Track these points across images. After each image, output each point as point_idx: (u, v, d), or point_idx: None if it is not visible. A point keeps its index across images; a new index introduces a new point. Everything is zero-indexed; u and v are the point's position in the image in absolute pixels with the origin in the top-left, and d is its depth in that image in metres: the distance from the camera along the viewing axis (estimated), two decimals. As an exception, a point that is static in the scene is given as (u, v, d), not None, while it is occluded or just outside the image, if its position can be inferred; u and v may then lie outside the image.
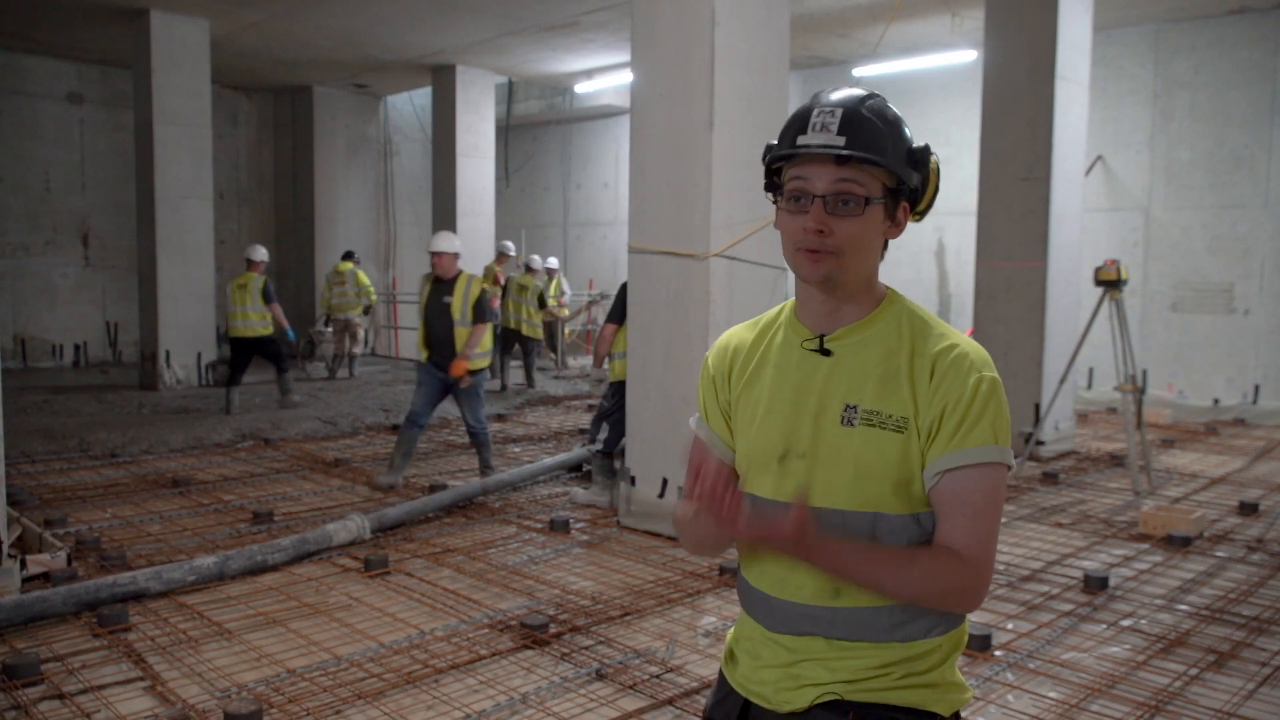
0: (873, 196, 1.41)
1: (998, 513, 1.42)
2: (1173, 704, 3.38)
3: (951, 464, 1.39)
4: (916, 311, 1.49)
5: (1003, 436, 1.41)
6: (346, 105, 15.89)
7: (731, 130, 5.20)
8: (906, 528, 1.43)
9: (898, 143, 1.42)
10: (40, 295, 13.62)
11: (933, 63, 12.36)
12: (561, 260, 17.48)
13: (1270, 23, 10.13)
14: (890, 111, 1.45)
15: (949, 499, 1.40)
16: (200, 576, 4.42)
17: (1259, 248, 10.27)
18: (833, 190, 1.40)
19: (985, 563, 1.40)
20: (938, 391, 1.40)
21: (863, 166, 1.40)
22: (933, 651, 1.45)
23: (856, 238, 1.41)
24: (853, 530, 1.43)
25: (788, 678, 1.47)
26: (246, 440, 8.27)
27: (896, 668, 1.43)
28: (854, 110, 1.41)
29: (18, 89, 13.19)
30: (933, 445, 1.40)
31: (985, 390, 1.40)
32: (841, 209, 1.40)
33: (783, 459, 1.48)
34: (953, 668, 1.49)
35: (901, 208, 1.45)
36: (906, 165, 1.43)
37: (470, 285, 6.40)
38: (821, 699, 1.44)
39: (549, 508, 6.13)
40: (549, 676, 3.54)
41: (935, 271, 12.89)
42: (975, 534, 1.39)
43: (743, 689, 1.53)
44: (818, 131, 1.41)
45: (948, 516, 1.40)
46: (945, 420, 1.39)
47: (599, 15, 11.04)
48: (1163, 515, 5.57)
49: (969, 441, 1.38)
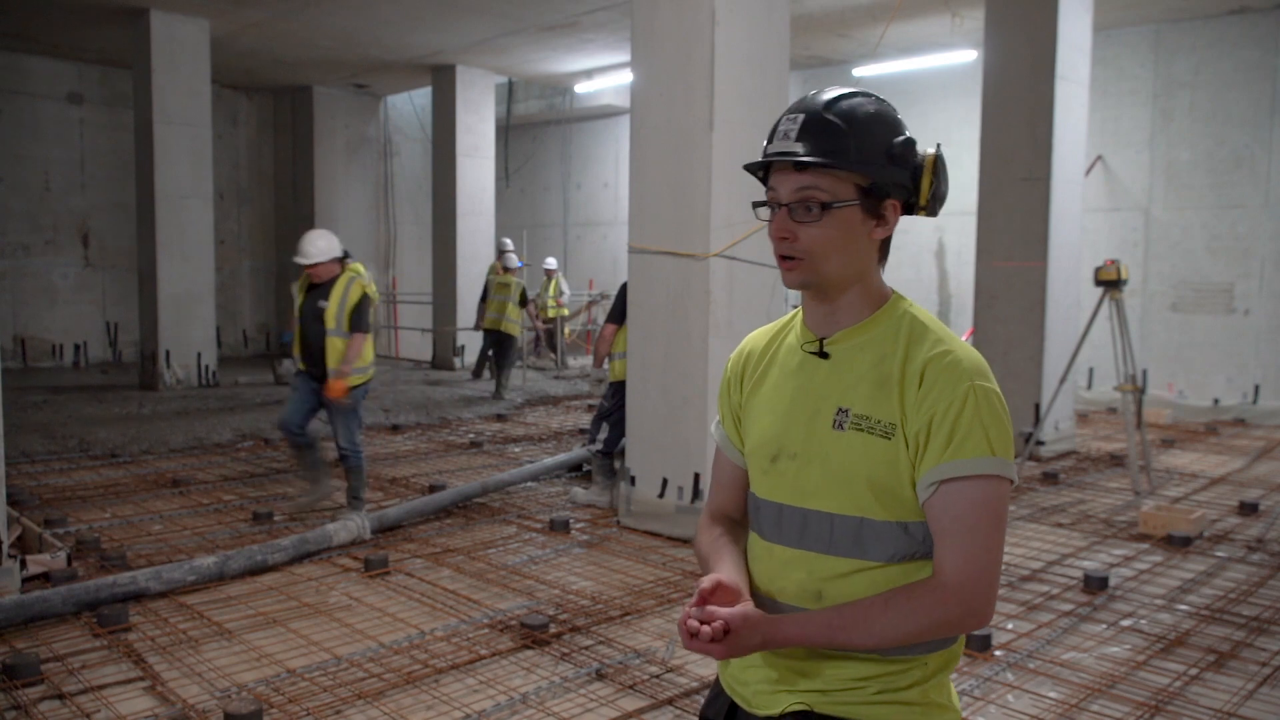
0: (838, 200, 1.39)
1: (996, 529, 1.35)
2: (1173, 704, 3.38)
3: (944, 475, 1.34)
4: (918, 317, 1.46)
5: (1000, 448, 1.35)
6: (346, 105, 15.89)
7: (731, 130, 5.21)
8: (893, 535, 1.40)
9: (868, 142, 1.40)
10: (40, 295, 13.62)
11: (933, 63, 12.36)
12: (561, 260, 17.49)
13: (1270, 23, 10.13)
14: (865, 110, 1.42)
15: (941, 514, 1.35)
16: (200, 576, 4.42)
17: (1259, 248, 10.27)
18: (795, 198, 1.41)
19: (979, 584, 1.33)
20: (926, 399, 1.37)
21: (825, 171, 1.39)
22: (914, 668, 1.41)
23: (822, 242, 1.40)
24: (839, 534, 1.41)
25: (767, 681, 1.46)
26: (246, 440, 8.27)
27: (873, 682, 1.40)
28: (814, 115, 1.41)
29: (18, 89, 13.19)
30: (925, 456, 1.36)
31: (977, 399, 1.35)
32: (804, 215, 1.40)
33: (775, 459, 1.48)
34: (940, 687, 1.44)
35: (888, 205, 1.43)
36: (885, 163, 1.40)
37: (350, 289, 5.58)
38: (792, 708, 1.42)
39: (549, 508, 6.13)
40: (549, 676, 3.54)
41: (935, 271, 12.89)
42: (968, 552, 1.33)
43: (729, 688, 1.54)
44: (780, 139, 1.42)
45: (941, 534, 1.36)
46: (935, 430, 1.35)
47: (599, 15, 11.04)
48: (1163, 515, 5.57)
49: (963, 452, 1.34)
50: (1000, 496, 1.35)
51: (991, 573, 1.35)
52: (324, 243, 5.63)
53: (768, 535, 1.50)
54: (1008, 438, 1.37)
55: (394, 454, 7.84)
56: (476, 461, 7.56)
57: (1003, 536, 1.37)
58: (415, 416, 9.59)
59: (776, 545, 1.48)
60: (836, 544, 1.42)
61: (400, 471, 7.13)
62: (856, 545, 1.41)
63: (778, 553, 1.48)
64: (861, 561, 1.41)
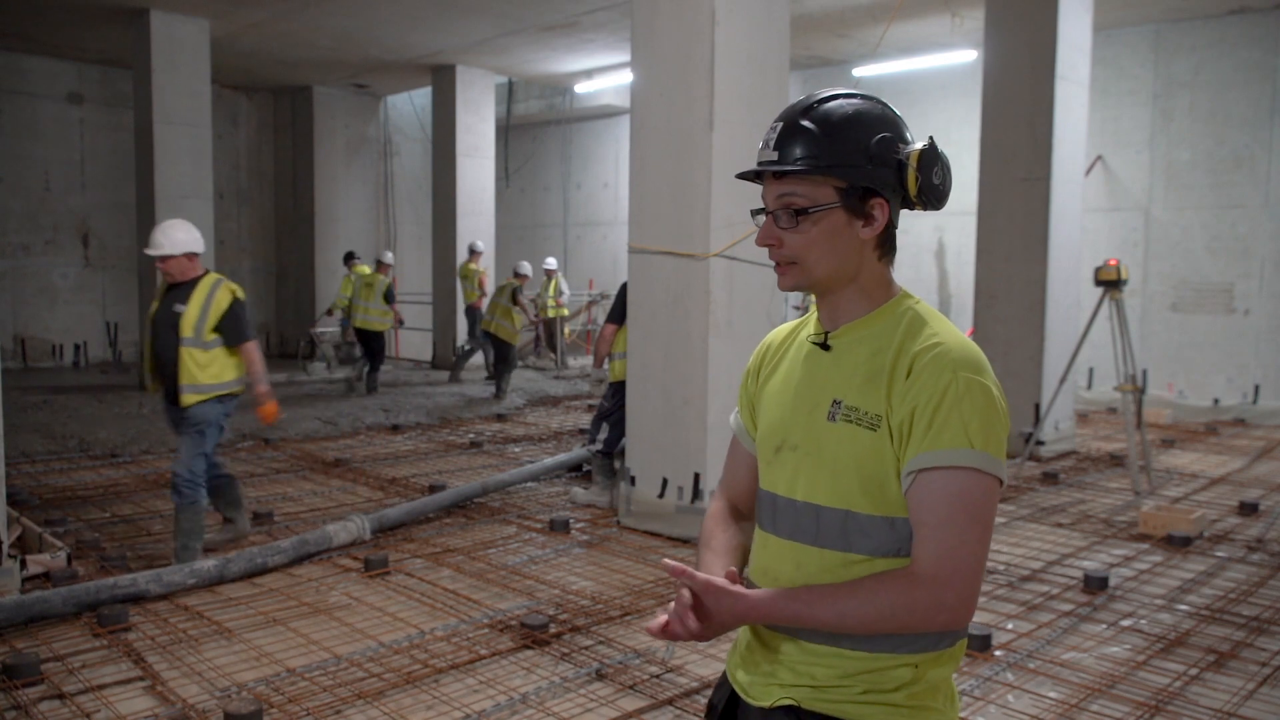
0: (817, 204, 1.41)
1: (975, 523, 1.32)
2: (1173, 704, 3.38)
3: (920, 465, 1.33)
4: (921, 312, 1.46)
5: (980, 440, 1.32)
6: (346, 105, 15.89)
7: (731, 130, 5.20)
8: (878, 529, 1.39)
9: (844, 144, 1.40)
10: (40, 295, 13.62)
11: (933, 63, 12.36)
12: (561, 260, 17.49)
13: (1270, 23, 10.13)
14: (842, 112, 1.42)
15: (917, 504, 1.34)
16: (201, 579, 4.41)
17: (1259, 248, 10.27)
18: (776, 205, 1.44)
19: (952, 579, 1.30)
20: (910, 390, 1.36)
21: (802, 177, 1.41)
22: (901, 668, 1.39)
23: (806, 246, 1.43)
24: (825, 526, 1.42)
25: (762, 674, 1.48)
26: (246, 440, 8.27)
27: (859, 680, 1.39)
28: (791, 122, 1.43)
29: (18, 89, 13.19)
30: (906, 447, 1.36)
31: (960, 389, 1.33)
32: (786, 221, 1.43)
33: (779, 450, 1.51)
34: (931, 692, 1.41)
35: (874, 204, 1.42)
36: (865, 162, 1.40)
37: (216, 292, 4.70)
38: (780, 702, 1.43)
39: (549, 508, 6.13)
40: (549, 676, 3.54)
41: (935, 271, 12.89)
42: (939, 546, 1.31)
43: (731, 677, 1.55)
44: (763, 148, 1.46)
45: (917, 525, 1.34)
46: (916, 420, 1.34)
47: (599, 15, 11.04)
48: (1163, 515, 5.57)
49: (940, 443, 1.32)
50: (980, 491, 1.32)
51: (966, 568, 1.31)
52: (181, 234, 4.70)
53: (765, 526, 1.53)
54: (993, 433, 1.34)
55: (394, 454, 7.84)
56: (476, 461, 7.57)
57: (984, 533, 1.33)
58: (415, 416, 9.59)
59: (772, 536, 1.51)
60: (823, 536, 1.42)
61: (400, 471, 7.13)
62: (842, 538, 1.41)
63: (772, 543, 1.50)
64: (847, 555, 1.41)
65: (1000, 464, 1.35)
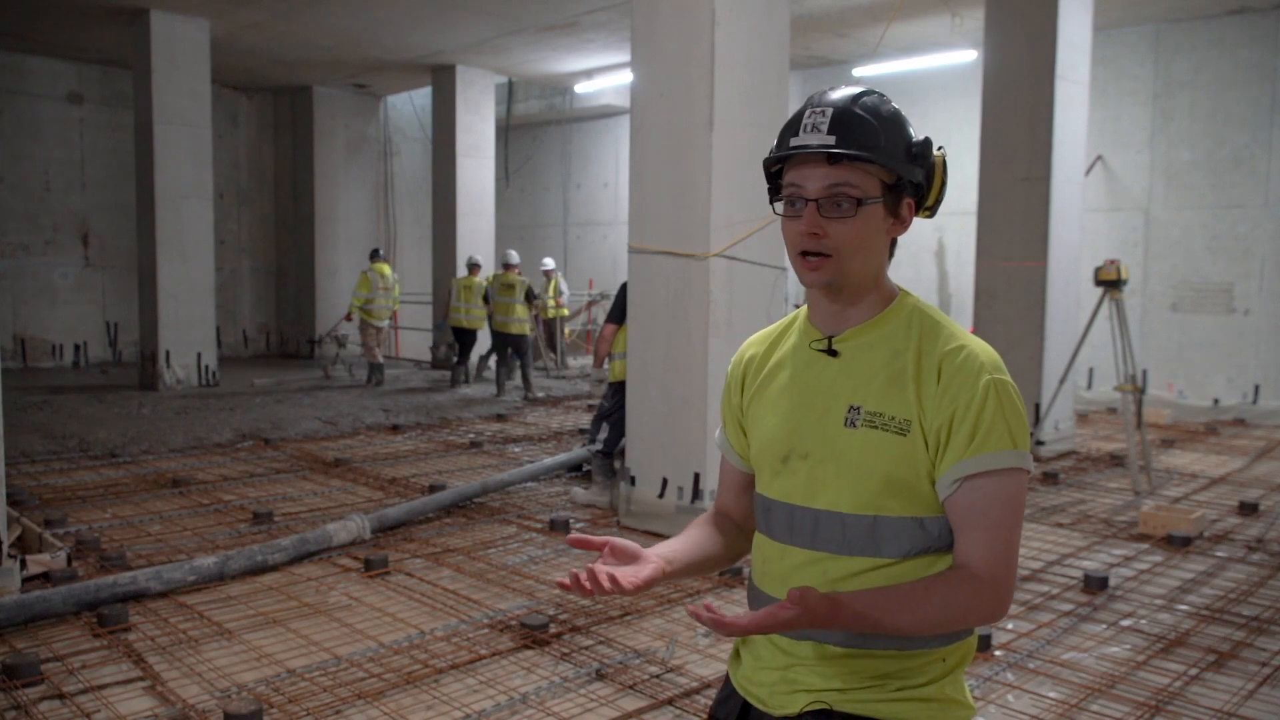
0: (868, 196, 1.38)
1: (1018, 521, 1.37)
2: (1173, 704, 3.38)
3: (969, 470, 1.34)
4: (927, 312, 1.46)
5: (1020, 440, 1.36)
6: (346, 105, 15.89)
7: (731, 130, 5.20)
8: (909, 530, 1.39)
9: (894, 139, 1.39)
10: (40, 295, 13.62)
11: (933, 63, 12.36)
12: (561, 260, 17.49)
13: (1270, 23, 10.13)
14: (887, 107, 1.42)
15: (966, 509, 1.35)
16: (200, 576, 4.42)
17: (1259, 248, 10.27)
18: (825, 193, 1.38)
19: (1006, 577, 1.35)
20: (945, 395, 1.36)
21: (856, 165, 1.37)
22: (933, 663, 1.41)
23: (852, 239, 1.38)
24: (852, 533, 1.41)
25: (784, 681, 1.45)
26: (246, 440, 8.27)
27: (891, 679, 1.40)
28: (845, 109, 1.39)
29: (18, 89, 13.19)
30: (946, 452, 1.36)
31: (997, 393, 1.36)
32: (835, 211, 1.38)
33: (786, 459, 1.48)
34: (956, 683, 1.44)
35: (905, 204, 1.43)
36: (906, 161, 1.40)
37: None
38: (811, 707, 1.42)
39: (549, 508, 6.13)
40: (549, 676, 3.54)
41: (935, 271, 12.89)
42: (994, 547, 1.34)
43: (742, 689, 1.53)
44: (809, 132, 1.39)
45: (965, 529, 1.36)
46: (956, 426, 1.35)
47: (599, 15, 11.04)
48: (1163, 515, 5.57)
49: (987, 446, 1.34)
50: (1021, 488, 1.37)
51: (1015, 565, 1.37)
52: None
53: (780, 537, 1.49)
54: (1026, 428, 1.39)
55: (394, 454, 7.84)
56: (476, 461, 7.57)
57: (1021, 527, 1.39)
58: (415, 416, 9.59)
59: (791, 547, 1.47)
60: (850, 543, 1.41)
61: (400, 471, 7.13)
62: (871, 543, 1.40)
63: (791, 554, 1.47)
64: (875, 559, 1.40)
65: (1030, 456, 1.40)
